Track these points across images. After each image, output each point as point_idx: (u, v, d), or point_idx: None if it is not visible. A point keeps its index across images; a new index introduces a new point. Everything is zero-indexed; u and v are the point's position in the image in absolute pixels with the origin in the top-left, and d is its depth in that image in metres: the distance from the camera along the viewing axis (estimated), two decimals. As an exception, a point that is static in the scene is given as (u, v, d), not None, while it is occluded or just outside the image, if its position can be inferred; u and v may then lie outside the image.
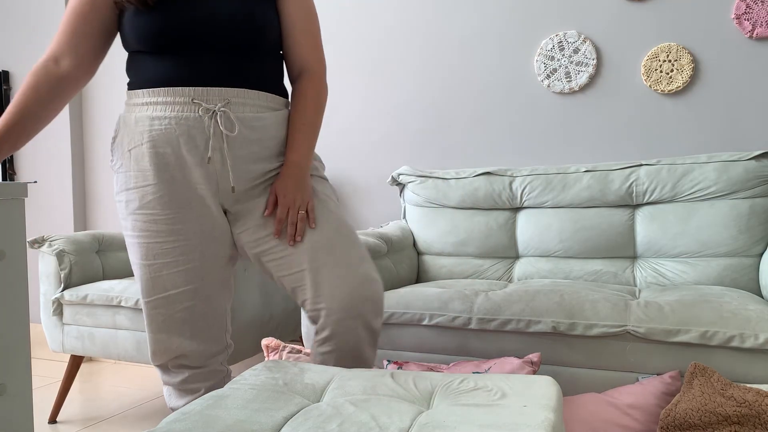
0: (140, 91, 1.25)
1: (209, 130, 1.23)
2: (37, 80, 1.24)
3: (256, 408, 0.93)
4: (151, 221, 1.24)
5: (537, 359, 1.50)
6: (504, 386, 1.00)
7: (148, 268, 1.26)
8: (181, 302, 1.28)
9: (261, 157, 1.28)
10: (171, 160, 1.23)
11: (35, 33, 3.10)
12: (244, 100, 1.25)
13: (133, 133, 1.25)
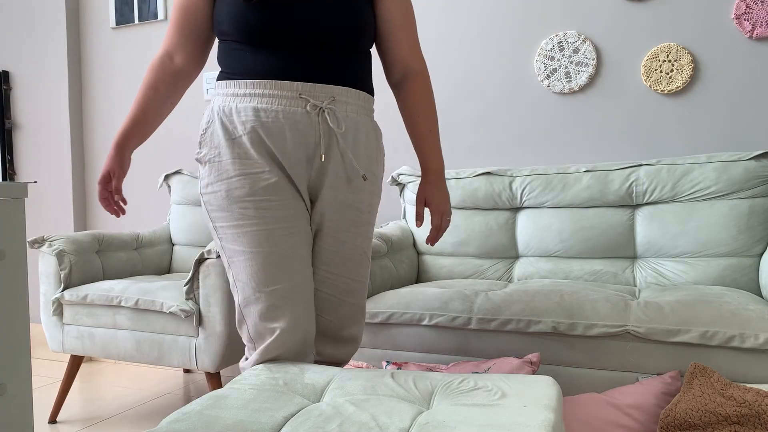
0: (242, 81, 1.22)
1: (314, 127, 1.22)
2: (155, 78, 1.29)
3: (256, 408, 0.93)
4: (264, 207, 1.20)
5: (536, 359, 1.50)
6: (504, 386, 1.00)
7: (263, 256, 1.20)
8: (302, 290, 1.23)
9: (353, 163, 1.27)
10: (275, 150, 1.21)
11: (35, 33, 3.10)
12: (347, 98, 1.25)
13: (236, 123, 1.22)
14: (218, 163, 1.22)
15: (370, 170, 1.30)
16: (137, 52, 3.00)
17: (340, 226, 1.28)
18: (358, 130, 1.27)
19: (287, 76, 1.20)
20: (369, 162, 1.30)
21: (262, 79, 1.21)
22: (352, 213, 1.28)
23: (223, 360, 1.94)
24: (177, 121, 2.93)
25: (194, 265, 1.95)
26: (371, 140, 1.30)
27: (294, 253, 1.22)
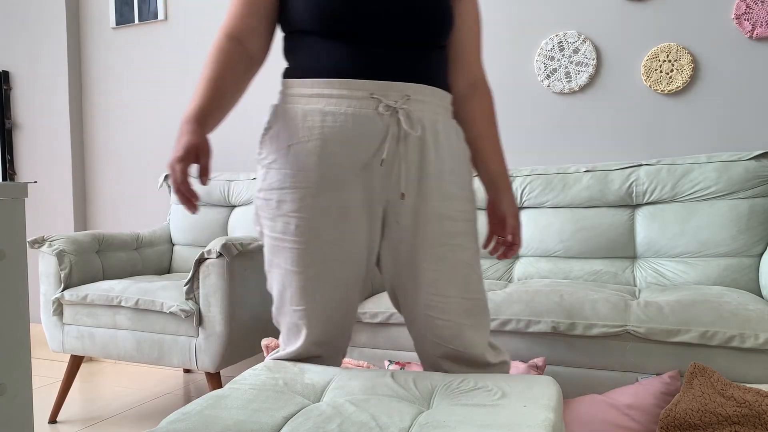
0: (308, 80, 1.11)
1: (386, 130, 1.09)
2: (231, 59, 1.12)
3: (256, 408, 0.93)
4: (308, 227, 1.11)
5: (542, 363, 1.50)
6: (504, 386, 1.00)
7: (299, 276, 1.13)
8: (330, 310, 1.16)
9: (439, 169, 1.14)
10: (341, 161, 1.09)
11: (35, 33, 3.10)
12: (423, 97, 1.12)
13: (298, 128, 1.11)
14: (274, 171, 1.13)
15: (455, 173, 1.16)
16: (137, 52, 3.00)
17: (433, 240, 1.13)
18: (437, 132, 1.14)
19: (358, 74, 1.09)
20: (454, 164, 1.15)
21: (331, 77, 1.09)
22: (444, 224, 1.13)
23: (223, 360, 1.94)
24: (177, 121, 2.93)
25: (194, 265, 1.95)
26: (453, 141, 1.17)
27: (328, 276, 1.13)
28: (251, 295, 2.03)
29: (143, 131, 3.00)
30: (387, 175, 1.11)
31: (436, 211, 1.13)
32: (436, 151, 1.13)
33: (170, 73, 2.93)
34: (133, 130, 3.02)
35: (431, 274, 1.13)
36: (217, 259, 1.92)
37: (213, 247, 1.92)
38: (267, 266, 1.18)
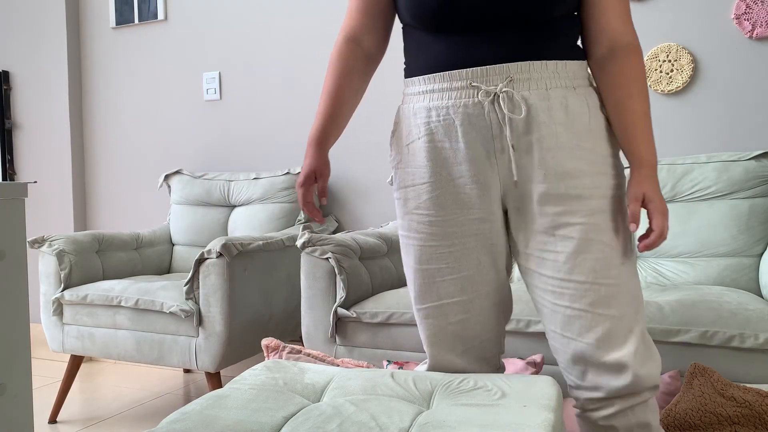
0: (417, 78, 1.11)
1: (489, 117, 1.05)
2: (347, 66, 1.16)
3: (256, 408, 0.93)
4: (426, 222, 1.11)
5: (540, 360, 1.50)
6: (504, 386, 1.00)
7: (422, 273, 1.13)
8: (454, 314, 1.12)
9: (554, 146, 1.05)
10: (449, 154, 1.08)
11: (35, 33, 3.10)
12: (528, 74, 1.04)
13: (411, 126, 1.12)
14: (400, 171, 1.15)
15: (582, 147, 1.05)
16: (137, 52, 3.00)
17: (559, 221, 1.04)
18: (550, 107, 1.04)
19: (458, 64, 1.05)
20: (579, 137, 1.05)
21: (434, 71, 1.08)
22: (572, 203, 1.04)
23: (223, 360, 1.94)
24: (177, 121, 2.93)
25: (194, 265, 1.95)
26: (576, 112, 1.05)
27: (450, 272, 1.11)
28: (251, 295, 2.03)
29: (143, 131, 3.00)
30: (498, 163, 1.06)
31: (558, 191, 1.04)
32: (549, 128, 1.04)
33: (170, 73, 2.93)
34: (133, 130, 3.02)
35: (561, 258, 1.04)
36: (217, 259, 1.92)
37: (213, 247, 1.92)
38: (404, 267, 1.19)
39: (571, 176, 1.04)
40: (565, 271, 1.04)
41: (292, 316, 2.25)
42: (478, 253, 1.10)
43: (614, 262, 1.03)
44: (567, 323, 1.04)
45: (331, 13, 2.62)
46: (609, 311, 1.02)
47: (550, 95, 1.05)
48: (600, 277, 1.02)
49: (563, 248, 1.04)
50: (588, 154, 1.06)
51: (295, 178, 2.51)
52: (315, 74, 2.66)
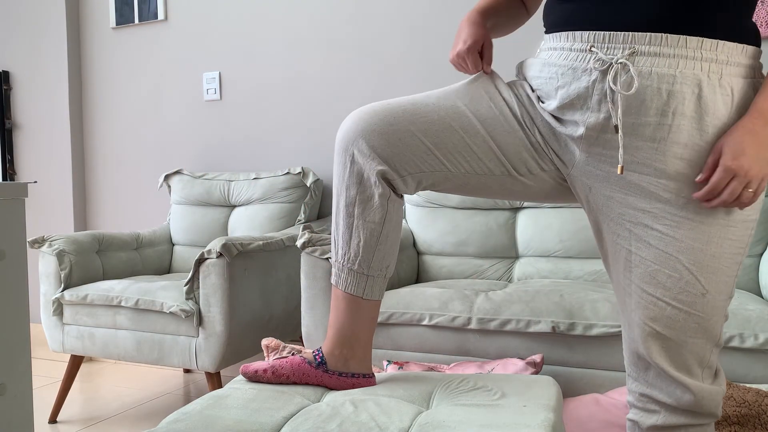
0: (548, 35, 1.00)
1: (592, 87, 0.91)
2: None
3: (256, 408, 0.93)
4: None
5: (540, 360, 1.50)
6: (504, 386, 1.00)
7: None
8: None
9: (657, 134, 0.89)
10: (539, 122, 1.00)
11: (35, 33, 3.10)
12: (657, 49, 0.88)
13: (528, 78, 1.03)
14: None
15: (695, 148, 0.88)
16: (137, 52, 3.00)
17: (634, 218, 0.93)
18: (672, 93, 0.87)
19: (585, 24, 0.93)
20: (697, 136, 0.88)
21: (560, 30, 0.97)
22: (652, 203, 0.91)
23: (223, 360, 1.94)
24: (177, 121, 2.93)
25: (194, 265, 1.95)
26: (710, 107, 0.87)
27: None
28: (251, 295, 2.03)
29: (143, 131, 3.00)
30: (583, 137, 0.94)
31: (645, 188, 0.91)
32: (661, 117, 0.88)
33: (170, 73, 2.93)
34: (133, 130, 3.02)
35: (617, 256, 0.95)
36: (217, 259, 1.92)
37: (213, 247, 1.92)
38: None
39: (669, 177, 0.89)
40: (640, 276, 0.94)
41: (292, 316, 2.25)
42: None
43: (686, 282, 0.90)
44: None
45: (332, 13, 2.62)
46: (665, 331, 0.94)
47: (678, 77, 0.87)
48: (672, 294, 0.91)
49: (635, 249, 0.93)
50: (699, 157, 0.88)
51: (295, 178, 2.51)
52: (315, 74, 2.66)
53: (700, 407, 0.92)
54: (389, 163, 1.00)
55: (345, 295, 1.04)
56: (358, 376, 1.04)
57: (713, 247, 0.89)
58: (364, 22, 2.57)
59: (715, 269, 0.90)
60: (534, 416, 0.88)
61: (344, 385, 1.03)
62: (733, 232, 0.90)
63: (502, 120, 1.00)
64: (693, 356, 0.92)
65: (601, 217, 0.97)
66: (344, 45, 2.60)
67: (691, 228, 0.89)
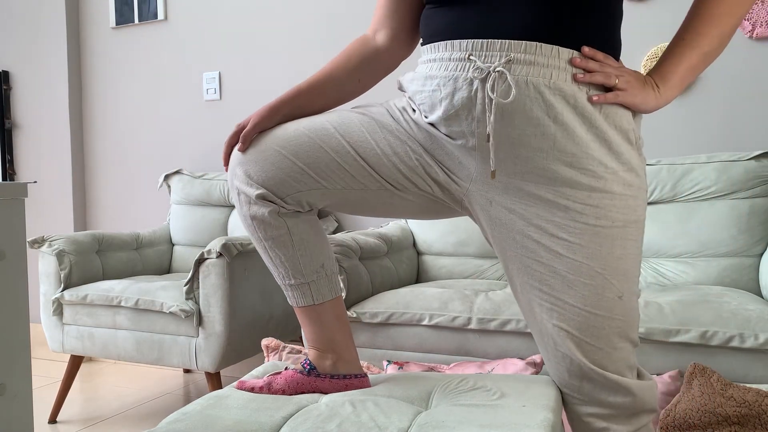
0: (426, 46, 1.00)
1: (475, 96, 0.91)
2: (350, 49, 1.10)
3: (255, 408, 0.93)
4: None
5: (540, 360, 1.50)
6: (503, 386, 1.00)
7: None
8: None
9: (539, 143, 0.90)
10: (424, 142, 0.99)
11: (35, 33, 3.10)
12: (532, 57, 0.89)
13: (410, 93, 1.02)
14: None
15: (577, 155, 0.90)
16: (137, 52, 3.00)
17: (529, 227, 0.94)
18: (550, 103, 0.89)
19: (463, 33, 0.93)
20: (576, 143, 0.90)
21: (438, 40, 0.97)
22: (550, 211, 0.92)
23: (223, 360, 1.94)
24: (177, 121, 2.93)
25: (194, 265, 1.95)
26: (581, 118, 0.90)
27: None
28: (251, 295, 2.03)
29: (143, 131, 3.00)
30: (476, 148, 0.94)
31: (543, 197, 0.92)
32: (543, 126, 0.90)
33: (170, 73, 2.94)
34: (133, 130, 3.02)
35: (528, 271, 0.95)
36: (217, 259, 1.92)
37: (213, 247, 1.92)
38: None
39: (556, 182, 0.92)
40: (531, 285, 0.98)
41: (292, 316, 2.25)
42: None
43: (578, 287, 0.93)
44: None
45: (332, 13, 2.62)
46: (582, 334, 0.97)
47: (547, 91, 0.90)
48: (581, 301, 0.94)
49: (527, 260, 0.96)
50: (584, 162, 0.91)
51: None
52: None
53: (642, 405, 0.95)
54: (266, 187, 1.01)
55: (301, 310, 1.06)
56: (350, 376, 1.04)
57: (618, 249, 0.92)
58: (364, 22, 2.57)
59: (625, 271, 0.93)
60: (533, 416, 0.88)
61: (338, 387, 1.04)
62: (631, 233, 0.93)
63: (374, 145, 1.01)
64: (622, 361, 0.94)
65: (505, 232, 0.97)
66: (344, 45, 2.60)
67: (594, 233, 0.91)
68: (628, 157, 0.92)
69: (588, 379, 0.94)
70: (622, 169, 0.92)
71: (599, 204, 0.91)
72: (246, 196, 1.03)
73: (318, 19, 2.64)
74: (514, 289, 1.01)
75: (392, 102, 1.05)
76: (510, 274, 1.00)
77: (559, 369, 0.97)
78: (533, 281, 0.95)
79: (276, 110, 1.05)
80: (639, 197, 0.94)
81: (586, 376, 0.94)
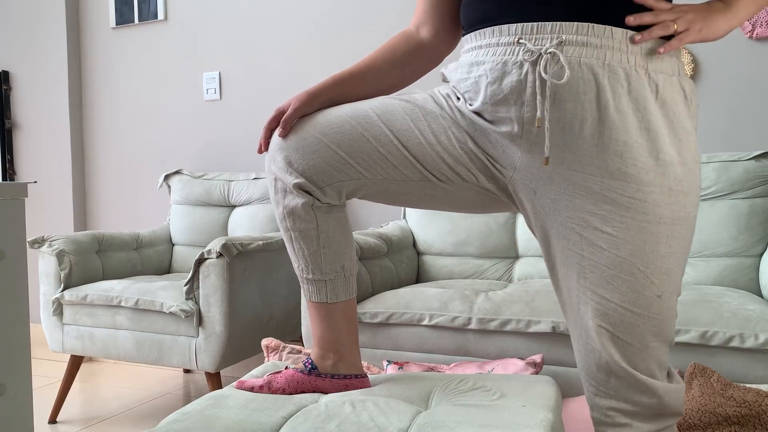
0: (469, 35, 0.98)
1: (525, 79, 0.88)
2: (394, 42, 1.09)
3: (255, 408, 0.93)
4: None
5: (540, 360, 1.50)
6: (503, 386, 1.00)
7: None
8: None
9: (594, 130, 0.87)
10: (469, 130, 0.97)
11: (35, 33, 3.10)
12: (585, 38, 0.86)
13: (455, 82, 1.00)
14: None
15: (635, 146, 0.86)
16: (137, 52, 3.00)
17: (574, 221, 0.91)
18: (603, 86, 0.86)
19: (510, 18, 0.90)
20: (635, 133, 0.86)
21: (483, 27, 0.94)
22: (598, 205, 0.88)
23: (223, 360, 1.94)
24: (177, 121, 2.93)
25: (194, 265, 1.95)
26: (636, 104, 0.86)
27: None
28: (251, 295, 2.03)
29: (143, 131, 3.00)
30: (521, 135, 0.92)
31: (590, 188, 0.88)
32: (596, 111, 0.86)
33: (170, 73, 2.93)
34: (133, 130, 3.02)
35: (569, 262, 0.92)
36: (217, 259, 1.92)
37: (213, 247, 1.92)
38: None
39: (612, 176, 0.87)
40: (574, 281, 0.93)
41: (292, 316, 2.25)
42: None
43: (626, 285, 0.89)
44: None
45: (332, 14, 2.62)
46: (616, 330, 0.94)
47: (613, 70, 0.86)
48: (618, 298, 0.90)
49: (576, 254, 0.92)
50: (639, 155, 0.86)
51: (295, 178, 2.51)
52: (315, 74, 2.66)
53: (668, 408, 0.92)
54: (306, 176, 1.01)
55: (314, 305, 1.05)
56: (350, 377, 1.04)
57: (663, 247, 0.88)
58: (364, 21, 2.57)
59: (668, 269, 0.89)
60: (533, 416, 0.88)
61: (338, 387, 1.04)
62: (679, 231, 0.89)
63: (418, 133, 0.99)
64: (654, 360, 0.91)
65: (549, 222, 0.93)
66: (344, 45, 2.60)
67: (640, 229, 0.87)
68: (682, 149, 0.88)
69: (616, 375, 0.91)
70: (674, 162, 0.87)
71: (647, 199, 0.87)
72: (283, 183, 1.02)
73: (318, 19, 2.65)
74: (554, 278, 0.97)
75: (436, 89, 1.04)
76: (551, 263, 0.96)
77: (588, 361, 0.94)
78: (572, 273, 0.92)
79: (315, 96, 1.04)
80: (691, 193, 0.89)
81: (615, 373, 0.91)
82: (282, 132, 1.03)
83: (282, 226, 1.05)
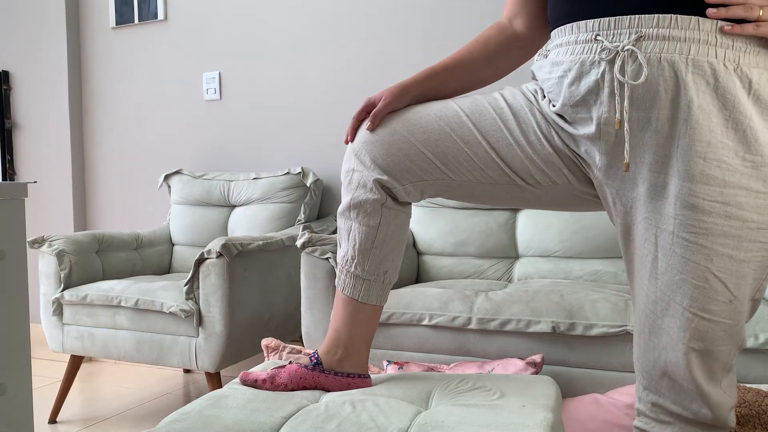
0: (553, 32, 0.95)
1: (602, 80, 0.85)
2: (487, 35, 1.06)
3: (255, 408, 0.93)
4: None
5: (540, 360, 1.50)
6: (503, 386, 1.00)
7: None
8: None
9: (676, 137, 0.82)
10: (558, 129, 0.94)
11: (35, 33, 3.10)
12: (667, 31, 0.80)
13: (536, 83, 0.98)
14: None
15: (725, 147, 0.80)
16: (137, 52, 3.00)
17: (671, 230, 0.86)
18: (686, 83, 0.80)
19: (587, 14, 0.86)
20: (723, 135, 0.80)
21: (563, 23, 0.91)
22: (687, 214, 0.83)
23: (223, 360, 1.94)
24: (177, 121, 2.93)
25: (194, 265, 1.95)
26: (723, 101, 0.80)
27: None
28: (251, 295, 2.03)
29: (143, 131, 3.00)
30: (600, 137, 0.88)
31: (669, 191, 0.84)
32: (677, 110, 0.81)
33: (170, 73, 2.94)
34: (133, 130, 3.02)
35: (644, 261, 0.89)
36: (217, 259, 1.92)
37: (213, 247, 1.92)
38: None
39: (702, 181, 0.82)
40: (662, 291, 0.89)
41: (292, 316, 2.25)
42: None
43: (714, 296, 0.84)
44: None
45: (332, 14, 2.62)
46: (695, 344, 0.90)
47: (688, 67, 0.80)
48: (696, 308, 0.86)
49: (665, 263, 0.88)
50: (731, 159, 0.80)
51: (295, 178, 2.51)
52: (315, 74, 2.66)
53: (716, 420, 0.89)
54: (389, 173, 1.00)
55: (343, 297, 1.05)
56: (354, 376, 1.04)
57: (743, 253, 0.83)
58: (364, 21, 2.57)
59: (744, 274, 0.84)
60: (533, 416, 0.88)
61: (340, 384, 1.03)
62: (764, 235, 0.84)
63: (507, 134, 0.98)
64: (719, 363, 0.88)
65: (630, 219, 0.90)
66: (344, 45, 2.60)
67: (720, 234, 0.82)
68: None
69: (670, 377, 0.88)
70: (763, 163, 0.81)
71: (731, 201, 0.82)
72: (361, 176, 1.01)
73: (318, 19, 2.65)
74: (630, 274, 0.94)
75: (524, 85, 1.02)
76: (629, 257, 0.94)
77: (646, 358, 0.91)
78: (645, 271, 0.89)
79: (407, 90, 1.03)
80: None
81: (670, 374, 0.88)
82: (371, 126, 1.02)
83: (345, 215, 1.04)
